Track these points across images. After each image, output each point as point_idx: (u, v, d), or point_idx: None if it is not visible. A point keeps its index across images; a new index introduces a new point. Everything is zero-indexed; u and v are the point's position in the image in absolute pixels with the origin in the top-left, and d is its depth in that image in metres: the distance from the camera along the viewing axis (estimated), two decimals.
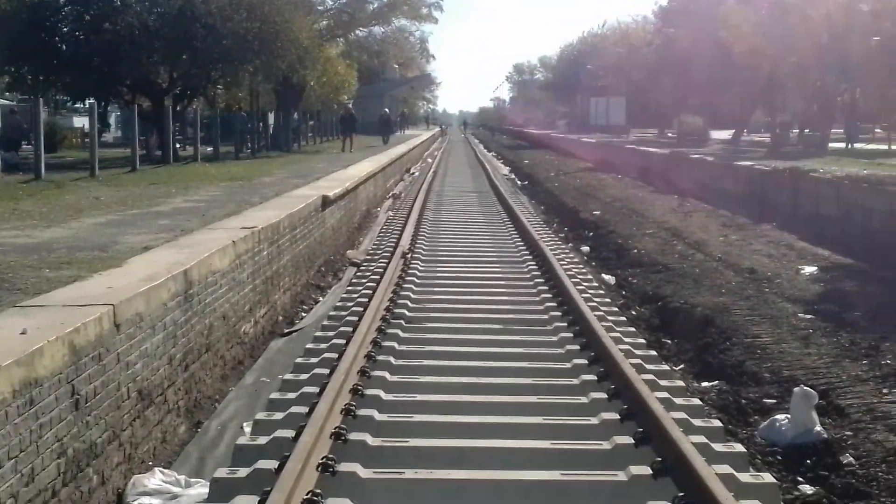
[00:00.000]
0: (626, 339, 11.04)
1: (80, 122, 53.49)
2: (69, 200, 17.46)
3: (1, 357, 5.93)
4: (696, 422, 8.13)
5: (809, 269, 16.68)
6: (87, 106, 35.87)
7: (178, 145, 37.97)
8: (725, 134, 60.66)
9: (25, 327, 6.69)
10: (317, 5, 59.23)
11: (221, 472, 7.08)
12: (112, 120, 61.16)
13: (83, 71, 34.37)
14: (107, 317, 7.40)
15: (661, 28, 70.54)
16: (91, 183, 22.04)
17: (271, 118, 53.23)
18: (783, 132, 53.50)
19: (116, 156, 32.72)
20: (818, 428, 8.43)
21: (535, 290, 14.35)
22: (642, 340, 11.54)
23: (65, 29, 35.72)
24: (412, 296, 13.65)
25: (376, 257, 17.82)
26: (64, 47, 35.21)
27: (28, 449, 6.10)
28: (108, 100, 42.36)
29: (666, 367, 10.46)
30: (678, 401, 8.71)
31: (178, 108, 38.53)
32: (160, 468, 7.93)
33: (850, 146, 44.93)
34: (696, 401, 9.07)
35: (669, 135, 68.48)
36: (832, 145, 43.88)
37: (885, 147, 43.92)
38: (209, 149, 37.84)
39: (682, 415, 8.09)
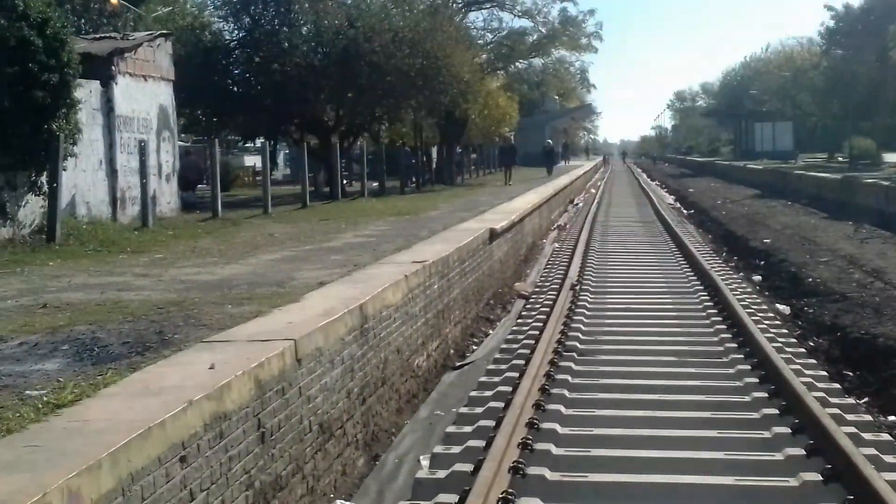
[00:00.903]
0: (807, 372, 10.73)
1: (250, 160, 55.09)
2: (245, 237, 18.00)
3: (192, 391, 6.10)
4: (888, 458, 7.84)
5: None
6: (259, 145, 37.01)
7: (344, 181, 38.76)
8: None
9: (213, 362, 6.88)
10: (477, 39, 59.85)
11: None
12: (280, 158, 62.91)
13: (254, 111, 35.49)
14: (289, 351, 7.56)
15: (828, 49, 68.82)
16: (265, 220, 22.68)
17: (434, 152, 53.86)
18: None
19: (286, 192, 33.61)
20: None
21: (707, 321, 14.10)
22: (823, 373, 11.20)
23: (236, 71, 37.03)
24: (583, 328, 13.59)
25: (544, 289, 17.83)
26: (236, 88, 36.46)
27: (218, 481, 6.26)
28: (278, 139, 43.55)
29: (850, 400, 10.12)
30: (866, 436, 8.42)
31: (344, 145, 39.35)
32: (342, 501, 8.04)
33: None
34: (886, 436, 8.73)
35: (840, 159, 66.54)
36: None
37: None
38: (375, 184, 38.49)
39: (871, 451, 7.80)
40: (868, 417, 9.39)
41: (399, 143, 49.96)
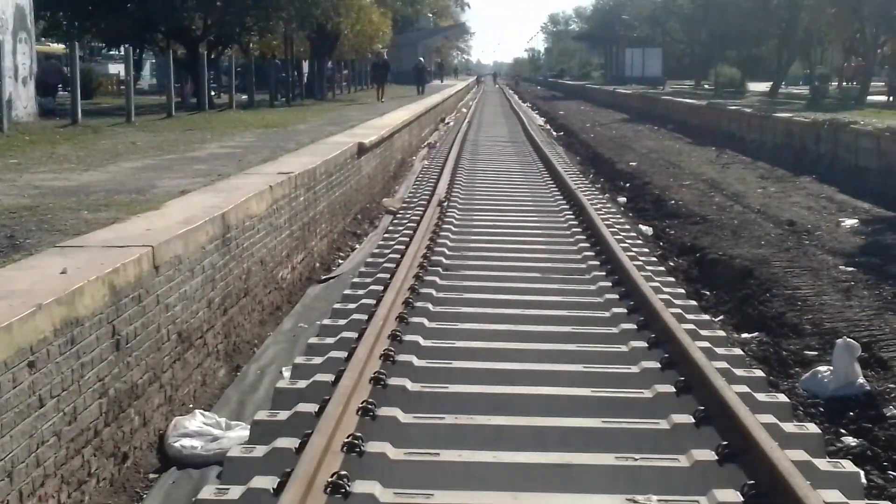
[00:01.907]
0: (666, 289, 10.93)
1: (116, 69, 53.51)
2: (106, 145, 17.47)
3: (42, 296, 5.89)
4: (738, 371, 8.06)
5: (850, 222, 16.49)
6: (122, 52, 35.88)
7: (212, 93, 37.93)
8: (763, 86, 59.96)
9: (65, 267, 6.66)
10: None
11: (261, 415, 7.09)
12: (147, 67, 61.21)
13: (118, 17, 34.30)
14: (146, 258, 7.36)
15: None
16: (127, 128, 22.04)
17: (305, 67, 53.07)
18: (822, 84, 52.82)
19: (152, 103, 32.73)
20: (861, 380, 8.31)
21: (572, 240, 14.26)
22: (681, 291, 11.44)
23: None
24: (449, 244, 13.60)
25: (412, 205, 17.78)
26: None
27: (70, 388, 6.09)
28: (143, 47, 42.28)
29: (706, 317, 10.37)
30: (719, 350, 8.63)
31: (212, 56, 38.49)
32: (200, 411, 7.94)
33: (891, 98, 44.23)
34: (737, 350, 8.97)
35: (706, 86, 67.80)
36: (873, 98, 43.23)
37: None
38: (244, 96, 37.80)
39: (723, 364, 8.01)
40: (722, 333, 9.64)
41: (270, 56, 49.08)
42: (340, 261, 14.47)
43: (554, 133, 41.36)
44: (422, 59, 57.63)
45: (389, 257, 12.55)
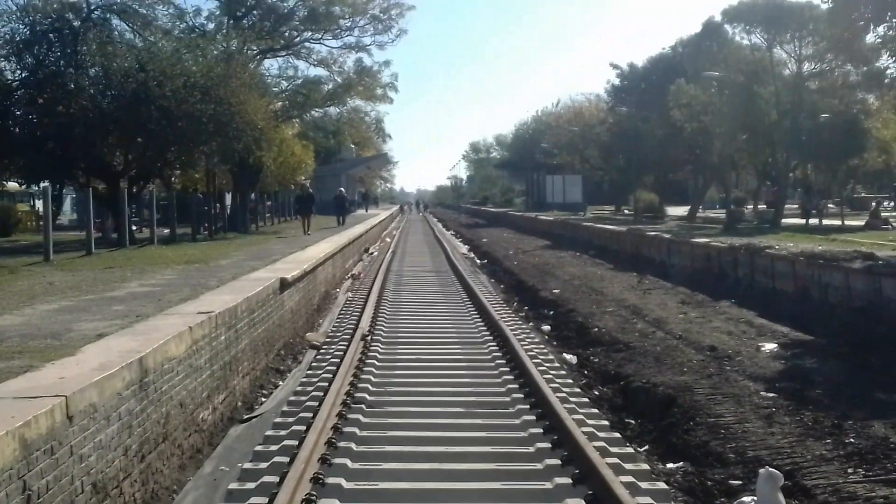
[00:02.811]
0: (590, 421, 10.94)
1: (37, 203, 53.07)
2: (22, 286, 17.19)
3: None
4: None
5: (770, 346, 16.71)
6: (41, 189, 35.61)
7: (134, 227, 37.72)
8: (682, 210, 61.29)
9: None
10: (272, 87, 59.44)
11: None
12: (67, 202, 60.77)
13: (37, 154, 34.10)
14: (59, 408, 7.20)
15: (614, 106, 71.55)
16: (45, 267, 21.75)
17: (228, 199, 53.10)
18: (738, 208, 54.14)
19: (72, 239, 32.42)
20: None
21: (496, 372, 14.26)
22: (605, 422, 11.45)
23: (18, 112, 35.52)
24: (373, 379, 13.55)
25: (336, 339, 17.70)
26: (17, 130, 34.97)
27: None
28: (63, 182, 42.04)
29: (630, 449, 10.37)
30: (643, 485, 8.62)
31: (133, 190, 38.29)
32: None
33: (808, 222, 45.38)
34: (662, 484, 8.96)
35: (626, 211, 69.06)
36: (788, 221, 44.35)
37: (838, 222, 44.43)
38: (166, 231, 37.59)
39: (647, 499, 7.99)
40: (646, 466, 9.63)
41: (192, 189, 49.08)
42: (263, 399, 14.27)
43: (478, 261, 41.64)
44: (342, 189, 57.63)
45: (312, 395, 12.45)
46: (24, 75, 35.19)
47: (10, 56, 35.39)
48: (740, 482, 9.36)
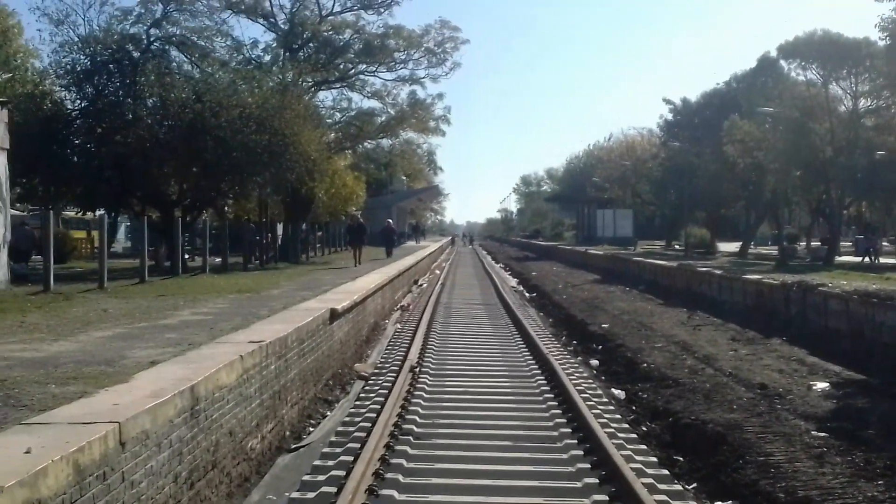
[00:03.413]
0: (638, 457, 10.89)
1: (92, 231, 53.75)
2: (77, 313, 17.45)
3: (4, 478, 5.82)
4: None
5: (821, 385, 16.54)
6: (98, 216, 36.14)
7: (187, 256, 38.08)
8: (733, 246, 60.85)
9: (30, 446, 6.60)
10: (326, 118, 60.00)
11: None
12: (122, 230, 61.56)
13: (94, 182, 34.69)
14: (112, 435, 7.30)
15: (666, 141, 71.32)
16: (100, 295, 22.05)
17: (280, 229, 53.48)
18: (790, 245, 53.67)
19: (125, 266, 32.83)
20: None
21: (544, 406, 14.24)
22: (654, 459, 11.39)
23: (77, 141, 36.18)
24: (421, 411, 13.58)
25: (384, 371, 17.76)
26: (76, 159, 35.60)
27: None
28: (119, 211, 42.66)
29: (678, 486, 10.30)
30: None
31: (187, 219, 38.75)
32: None
33: (864, 260, 44.91)
34: None
35: (677, 247, 68.69)
36: (842, 259, 43.91)
37: (892, 261, 43.91)
38: (218, 260, 37.91)
39: None
40: None
41: (244, 219, 49.51)
42: (311, 429, 14.33)
43: (527, 294, 41.63)
44: (390, 220, 57.52)
45: (360, 425, 12.50)
46: (83, 105, 35.90)
47: (71, 86, 36.12)
48: None
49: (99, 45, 37.04)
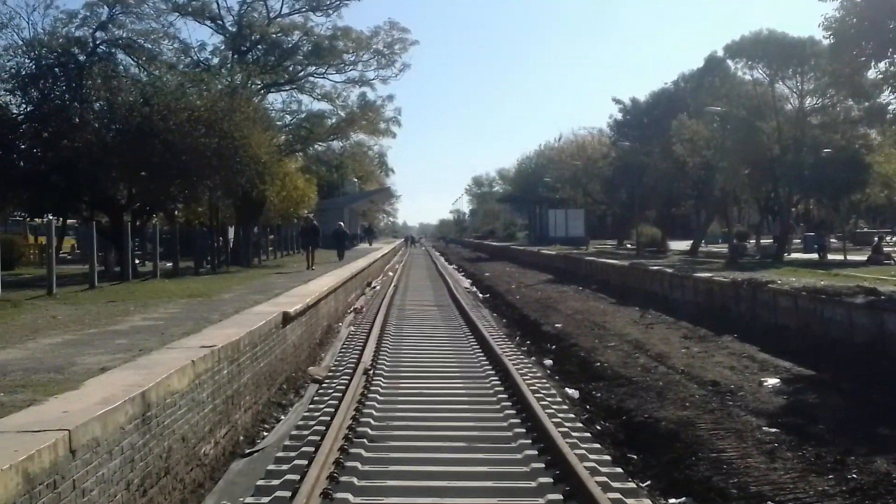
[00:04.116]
0: (592, 456, 10.94)
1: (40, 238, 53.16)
2: (25, 320, 17.23)
3: None
4: None
5: (772, 381, 16.70)
6: (45, 222, 35.72)
7: (137, 261, 37.75)
8: (684, 244, 61.30)
9: None
10: (276, 121, 59.69)
11: None
12: (71, 235, 60.83)
13: (41, 188, 34.24)
14: (62, 443, 7.22)
15: (616, 141, 71.79)
16: (48, 301, 21.80)
17: (231, 232, 53.15)
18: (740, 242, 54.16)
19: (75, 272, 32.48)
20: None
21: (498, 407, 14.26)
22: (608, 457, 11.44)
23: (22, 146, 35.65)
24: (375, 413, 13.56)
25: (338, 374, 17.72)
26: (22, 164, 35.08)
27: None
28: (67, 216, 42.15)
29: (632, 483, 10.36)
30: None
31: (137, 224, 38.36)
32: None
33: (819, 256, 45.45)
34: None
35: (629, 246, 69.10)
36: (794, 255, 44.38)
37: (840, 257, 44.46)
38: (169, 264, 37.61)
39: None
40: (648, 501, 9.62)
41: (195, 223, 49.17)
42: (265, 433, 14.26)
43: (480, 295, 41.69)
44: (341, 223, 57.21)
45: (314, 429, 12.46)
46: (29, 109, 35.36)
47: (16, 90, 35.56)
48: None
49: (44, 48, 36.52)
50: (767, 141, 45.40)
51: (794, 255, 45.87)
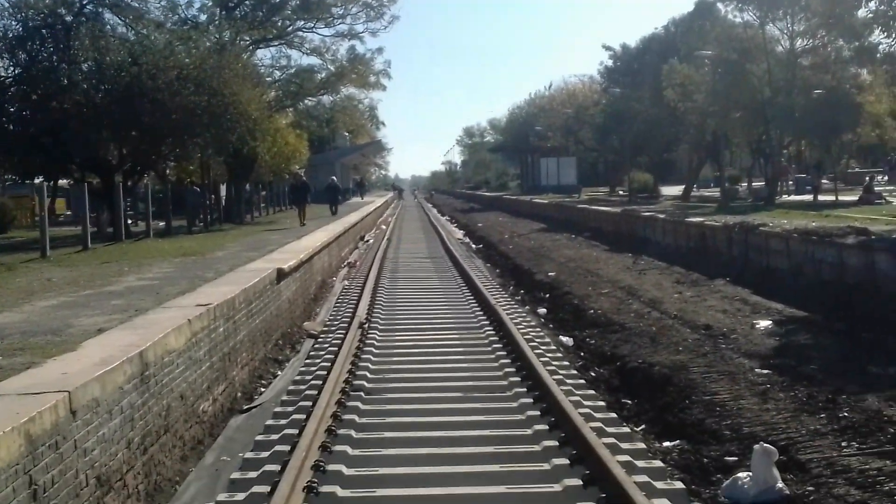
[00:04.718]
0: (586, 402, 11.07)
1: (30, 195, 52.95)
2: (20, 283, 17.29)
3: None
4: (659, 484, 8.16)
5: (764, 324, 16.84)
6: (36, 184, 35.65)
7: (129, 221, 37.70)
8: (676, 190, 61.37)
9: None
10: (265, 77, 59.51)
11: None
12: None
13: (31, 150, 34.15)
14: (62, 404, 7.31)
15: (607, 88, 71.58)
16: (42, 264, 21.83)
17: (223, 190, 53.05)
18: (732, 186, 54.22)
19: (68, 234, 32.46)
20: (780, 484, 8.46)
21: (493, 356, 14.38)
22: (602, 403, 11.58)
23: (11, 109, 35.53)
24: (371, 366, 13.68)
25: (333, 328, 17.81)
26: (11, 127, 34.99)
27: None
28: (58, 178, 42.07)
29: (626, 428, 10.49)
30: (640, 463, 8.74)
31: (128, 184, 38.30)
32: None
33: (814, 197, 45.54)
34: (658, 462, 9.09)
35: (621, 192, 69.16)
36: (789, 198, 44.49)
37: (832, 198, 44.55)
38: (161, 224, 37.61)
39: (644, 478, 8.11)
40: (642, 445, 9.76)
41: (187, 182, 49.06)
42: (262, 389, 14.38)
43: (473, 246, 41.77)
44: (334, 177, 56.97)
45: (311, 384, 12.56)
46: (17, 72, 35.20)
47: (3, 53, 35.37)
48: (736, 458, 9.49)
49: (31, 9, 36.25)
50: (758, 83, 45.29)
51: (788, 198, 45.90)
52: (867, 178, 50.67)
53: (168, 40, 38.33)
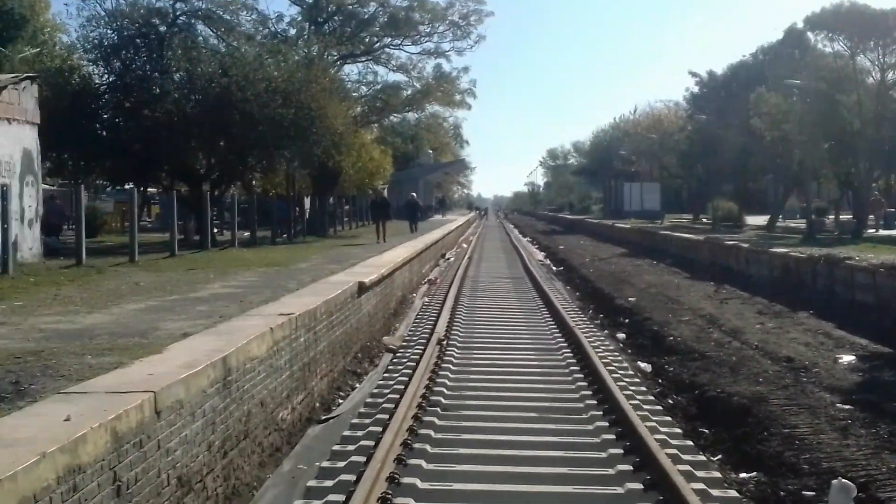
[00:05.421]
0: (663, 429, 11.01)
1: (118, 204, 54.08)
2: (110, 286, 17.69)
3: (46, 444, 6.00)
4: None
5: (847, 358, 16.57)
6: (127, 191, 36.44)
7: (215, 230, 38.34)
8: (761, 219, 60.55)
9: (69, 414, 6.78)
10: (352, 92, 60.10)
11: None
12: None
13: (123, 156, 34.98)
14: (148, 404, 7.48)
15: (693, 114, 70.99)
16: (131, 268, 22.30)
17: (307, 203, 53.65)
18: (818, 218, 53.38)
19: (155, 240, 33.10)
20: None
21: (570, 378, 14.37)
22: (678, 430, 11.51)
23: (105, 115, 36.43)
24: (448, 383, 13.74)
25: (412, 343, 17.92)
26: (104, 133, 35.85)
27: None
28: (147, 185, 42.93)
29: (702, 457, 10.41)
30: (715, 492, 8.70)
31: (215, 194, 38.95)
32: None
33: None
34: (734, 492, 9.02)
35: (704, 220, 68.44)
36: (879, 232, 43.74)
37: None
38: (246, 234, 38.17)
39: None
40: (718, 474, 9.67)
41: (272, 193, 49.71)
42: (340, 400, 14.52)
43: (553, 268, 41.68)
44: (414, 194, 57.06)
45: (389, 397, 12.67)
46: (111, 79, 36.10)
47: (98, 60, 36.32)
48: (813, 493, 9.36)
49: (125, 19, 37.20)
50: (847, 115, 44.55)
51: (876, 232, 45.04)
52: None
53: (258, 53, 39.01)
